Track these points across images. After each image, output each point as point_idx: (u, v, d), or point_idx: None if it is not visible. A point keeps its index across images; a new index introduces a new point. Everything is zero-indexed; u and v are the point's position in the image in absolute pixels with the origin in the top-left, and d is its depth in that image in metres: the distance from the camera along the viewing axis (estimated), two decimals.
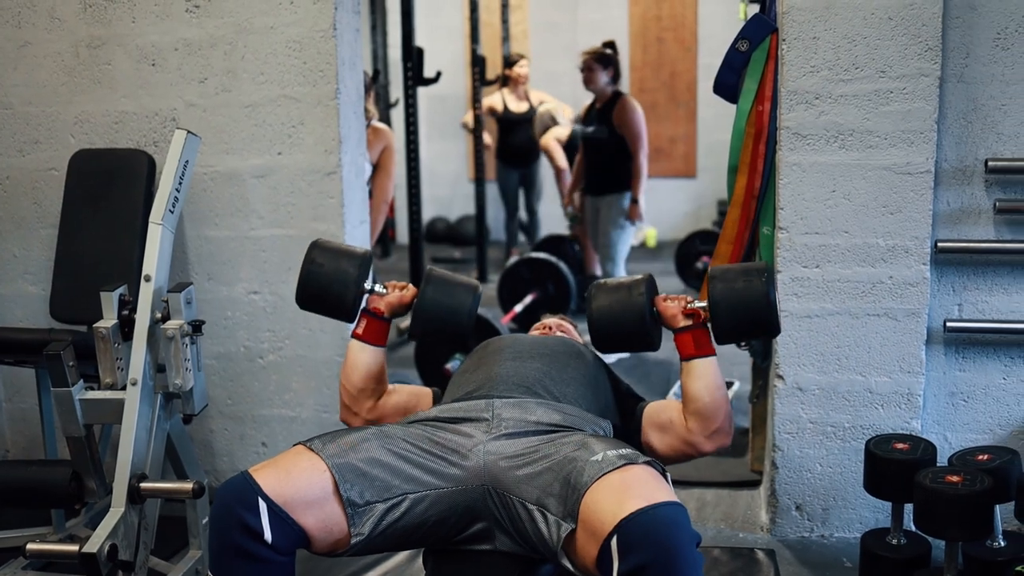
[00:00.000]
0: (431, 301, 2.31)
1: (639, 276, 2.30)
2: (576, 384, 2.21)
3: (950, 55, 2.73)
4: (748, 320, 2.16)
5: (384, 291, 2.37)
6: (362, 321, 2.37)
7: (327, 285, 2.30)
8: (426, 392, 2.43)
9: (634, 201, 5.22)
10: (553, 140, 6.56)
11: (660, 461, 2.19)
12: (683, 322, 2.23)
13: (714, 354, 2.22)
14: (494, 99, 7.35)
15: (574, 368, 2.26)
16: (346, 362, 2.36)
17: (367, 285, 2.35)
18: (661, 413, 2.27)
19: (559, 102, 7.25)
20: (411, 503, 1.90)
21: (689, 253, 6.94)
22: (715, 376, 2.20)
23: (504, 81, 7.31)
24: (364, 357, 2.35)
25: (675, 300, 2.26)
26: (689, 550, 1.63)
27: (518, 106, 7.28)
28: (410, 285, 2.40)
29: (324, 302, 2.34)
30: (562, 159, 6.52)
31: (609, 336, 2.27)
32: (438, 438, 1.98)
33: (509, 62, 7.33)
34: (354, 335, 2.37)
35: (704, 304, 2.21)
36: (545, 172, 7.61)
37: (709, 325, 2.21)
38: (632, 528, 1.63)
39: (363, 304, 2.37)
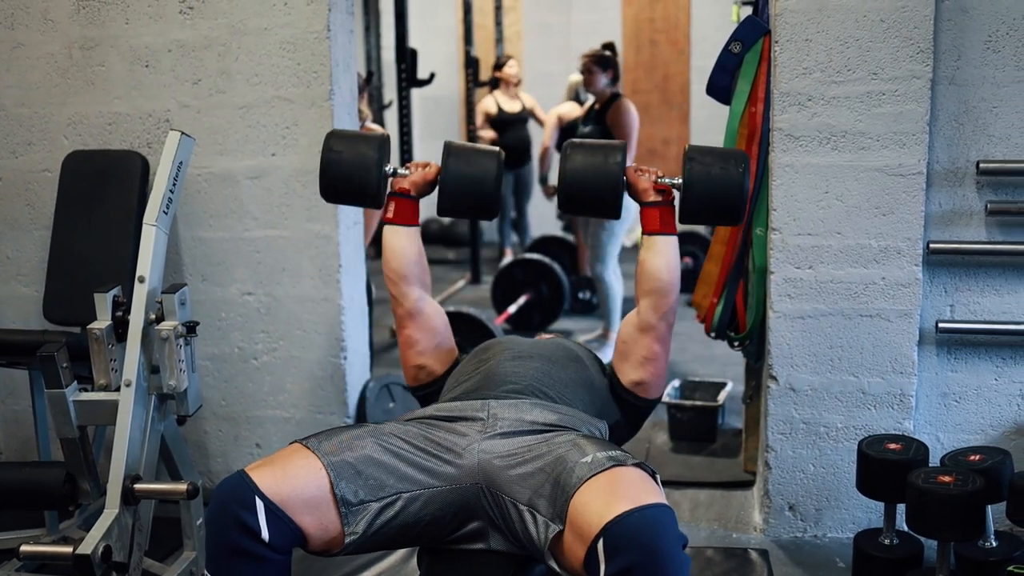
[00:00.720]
0: (455, 172, 2.29)
1: (617, 143, 2.31)
2: (573, 385, 2.22)
3: (942, 57, 2.74)
4: (716, 204, 2.19)
5: (407, 172, 2.36)
6: (390, 204, 2.36)
7: (349, 171, 2.29)
8: (453, 347, 2.43)
9: None
10: (555, 114, 6.61)
11: (643, 382, 2.25)
12: (652, 196, 2.26)
13: (676, 232, 2.26)
14: (487, 103, 7.37)
15: (572, 370, 2.27)
16: (384, 250, 2.36)
17: (388, 168, 2.33)
18: (618, 347, 2.33)
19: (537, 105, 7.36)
20: (405, 502, 1.91)
21: None
22: (674, 254, 2.25)
23: (495, 84, 7.33)
24: (399, 240, 2.35)
25: (646, 172, 2.28)
26: (675, 552, 1.63)
27: (511, 106, 7.29)
28: (432, 162, 2.39)
29: (348, 189, 2.32)
30: (547, 135, 6.56)
31: (578, 197, 2.28)
32: (433, 436, 1.98)
33: (498, 64, 7.35)
34: (384, 220, 2.36)
35: (676, 181, 2.23)
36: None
37: (676, 203, 2.24)
38: (618, 530, 1.63)
39: (388, 188, 2.35)
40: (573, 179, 2.25)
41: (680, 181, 2.21)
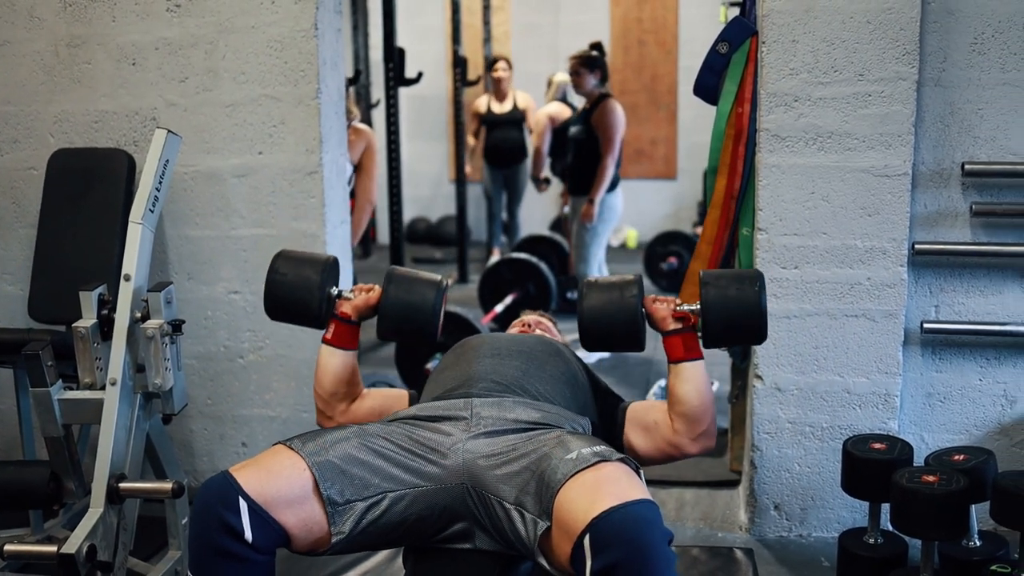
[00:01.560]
0: (395, 300, 2.31)
1: (630, 276, 2.30)
2: (555, 382, 2.22)
3: (928, 59, 2.76)
4: (738, 327, 2.17)
5: (351, 295, 2.37)
6: (331, 326, 2.37)
7: (291, 293, 2.31)
8: (402, 394, 2.43)
9: (589, 201, 5.23)
10: (544, 115, 6.61)
11: (643, 462, 2.21)
12: (673, 325, 2.23)
13: (702, 357, 2.23)
14: (480, 103, 7.39)
15: (553, 366, 2.27)
16: (317, 368, 2.37)
17: (333, 290, 2.35)
18: (647, 414, 2.28)
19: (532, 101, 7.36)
20: (391, 502, 1.91)
21: (655, 255, 6.99)
22: (703, 379, 2.21)
23: (490, 83, 7.36)
24: (334, 361, 2.35)
25: (664, 302, 2.26)
26: (661, 547, 1.63)
27: (500, 107, 7.30)
28: (376, 287, 2.39)
29: (290, 310, 2.35)
30: (539, 138, 6.57)
31: (600, 335, 2.27)
32: (417, 436, 1.98)
33: (490, 65, 7.36)
34: (324, 340, 2.37)
35: (695, 307, 2.21)
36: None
37: (697, 329, 2.22)
38: (604, 526, 1.64)
39: (332, 308, 2.37)
40: (592, 318, 2.24)
41: (698, 307, 2.20)
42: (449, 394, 2.14)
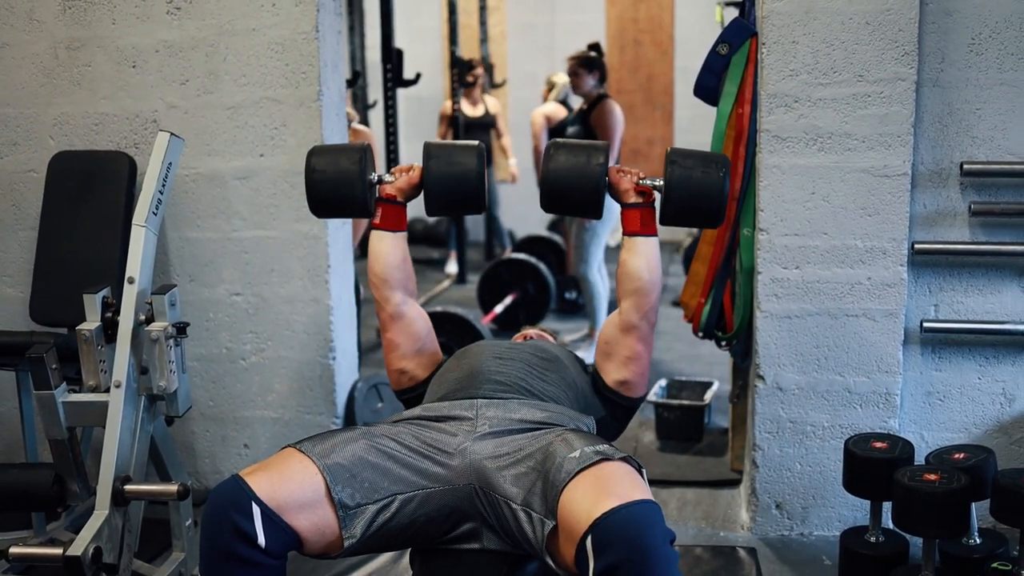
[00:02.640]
0: (437, 173, 2.32)
1: (600, 143, 2.32)
2: (557, 382, 2.23)
3: (926, 60, 2.77)
4: (698, 208, 2.22)
5: (392, 178, 2.38)
6: (377, 210, 2.38)
7: (333, 188, 2.30)
8: (437, 350, 2.44)
9: None
10: (540, 115, 6.61)
11: (625, 384, 2.27)
12: (633, 198, 2.28)
13: (656, 234, 2.28)
14: (448, 104, 7.43)
15: (553, 370, 2.28)
16: (369, 254, 2.38)
17: (372, 176, 2.35)
18: (600, 348, 2.35)
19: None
20: (401, 504, 1.91)
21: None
22: (655, 255, 2.28)
23: (467, 84, 7.37)
24: (384, 245, 2.36)
25: (628, 173, 2.30)
26: (663, 547, 1.64)
27: (473, 111, 7.32)
28: (415, 165, 2.41)
29: (336, 205, 2.34)
30: (536, 138, 6.58)
31: (559, 196, 2.30)
32: (424, 437, 1.99)
33: (468, 68, 7.37)
34: (373, 225, 2.38)
35: (657, 183, 2.25)
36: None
37: (656, 205, 2.26)
38: (606, 527, 1.64)
39: (376, 194, 2.37)
40: (555, 178, 2.27)
41: (661, 183, 2.23)
42: (454, 395, 2.14)
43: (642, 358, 2.30)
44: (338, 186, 2.30)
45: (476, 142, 2.39)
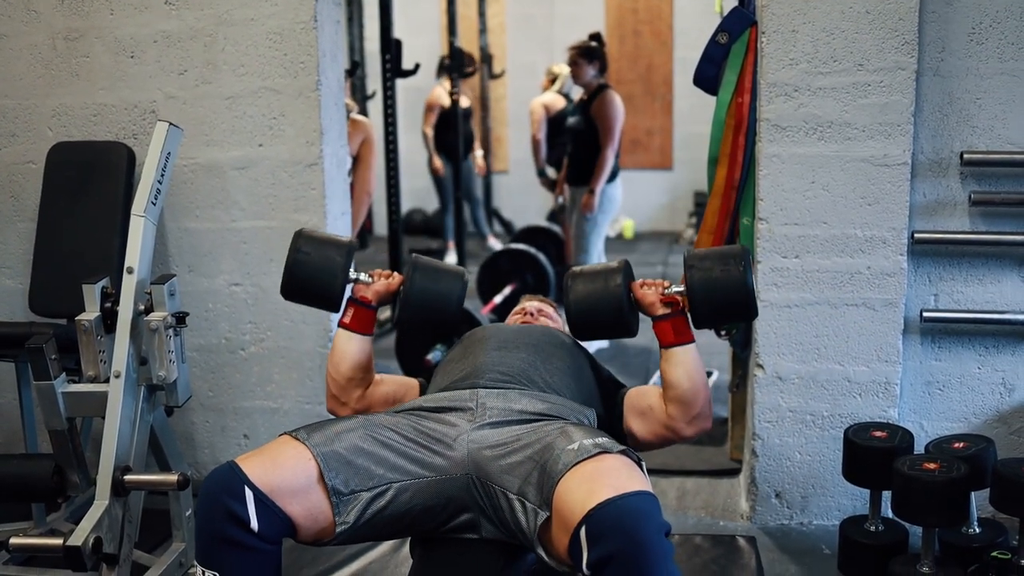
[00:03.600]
0: (419, 289, 2.30)
1: (615, 263, 2.31)
2: (560, 374, 2.23)
3: (926, 49, 2.77)
4: (726, 306, 2.17)
5: (370, 280, 2.36)
6: (349, 310, 2.36)
7: (313, 275, 2.29)
8: (413, 383, 2.44)
9: (590, 191, 5.23)
10: (539, 105, 6.61)
11: (642, 447, 2.22)
12: (661, 310, 2.24)
13: (693, 340, 2.24)
14: (439, 94, 7.43)
15: (558, 358, 2.28)
16: (333, 352, 2.36)
17: (353, 274, 2.34)
18: (641, 399, 2.29)
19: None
20: (396, 492, 1.91)
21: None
22: (694, 362, 2.22)
23: (466, 75, 7.37)
24: (352, 346, 2.34)
25: (652, 286, 2.27)
26: (657, 539, 1.63)
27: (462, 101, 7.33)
28: (395, 273, 2.40)
29: (310, 292, 2.33)
30: (536, 126, 6.59)
31: (587, 325, 2.28)
32: (423, 427, 1.99)
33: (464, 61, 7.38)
34: (341, 324, 2.36)
35: (682, 289, 2.21)
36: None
37: (687, 311, 2.22)
38: (600, 518, 1.64)
39: (348, 293, 2.37)
40: (579, 309, 2.25)
41: (683, 290, 2.20)
42: (455, 385, 2.14)
43: (663, 444, 2.29)
44: (319, 274, 2.29)
45: (461, 269, 2.39)
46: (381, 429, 1.97)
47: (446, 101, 7.29)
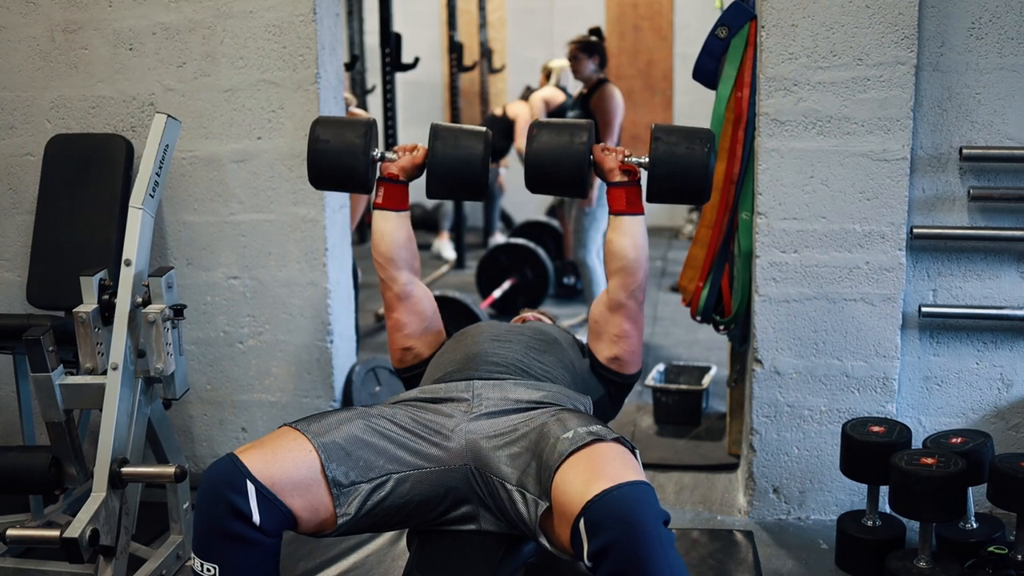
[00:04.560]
0: (443, 155, 2.30)
1: (583, 122, 2.31)
2: (555, 364, 2.24)
3: (926, 44, 2.76)
4: (682, 184, 2.21)
5: (395, 156, 2.37)
6: (380, 189, 2.37)
7: (336, 159, 2.29)
8: (440, 327, 2.46)
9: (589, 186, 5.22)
10: (539, 99, 6.61)
11: (618, 359, 2.29)
12: (619, 177, 2.27)
13: (643, 212, 2.27)
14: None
15: (551, 352, 2.28)
16: (373, 234, 2.38)
17: (376, 152, 2.34)
18: (591, 325, 2.36)
19: None
20: (395, 483, 1.92)
21: None
22: (641, 233, 2.27)
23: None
24: (389, 225, 2.36)
25: (613, 152, 2.29)
26: (655, 527, 1.64)
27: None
28: (419, 145, 2.40)
29: (337, 177, 2.33)
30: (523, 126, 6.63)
31: (544, 176, 2.29)
32: (420, 418, 1.99)
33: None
34: (375, 205, 2.38)
35: (642, 160, 2.24)
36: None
37: (642, 182, 2.25)
38: (598, 508, 1.65)
39: (377, 173, 2.36)
40: (539, 158, 2.26)
41: (647, 160, 2.22)
42: (451, 376, 2.15)
43: (631, 336, 2.30)
44: (341, 158, 2.29)
45: (484, 128, 2.39)
46: (379, 420, 1.97)
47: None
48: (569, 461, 1.77)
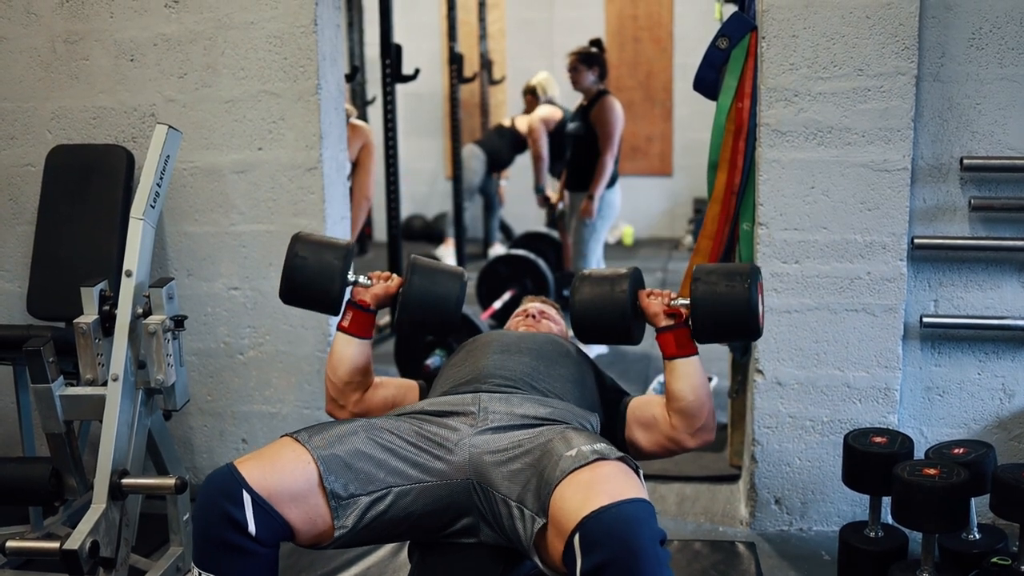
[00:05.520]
0: (418, 290, 2.29)
1: (624, 270, 2.29)
2: (563, 380, 2.22)
3: (926, 54, 2.77)
4: (728, 323, 2.15)
5: (369, 282, 2.35)
6: (348, 314, 2.35)
7: (312, 278, 2.28)
8: (412, 385, 2.43)
9: (589, 197, 5.23)
10: (538, 120, 6.61)
11: (644, 456, 2.21)
12: (665, 321, 2.22)
13: (696, 353, 2.22)
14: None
15: (561, 364, 2.27)
16: (332, 355, 2.35)
17: (351, 277, 2.33)
18: (645, 410, 2.27)
19: None
20: (396, 496, 1.91)
21: None
22: (698, 375, 2.20)
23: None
24: (351, 350, 2.33)
25: (658, 296, 2.25)
26: (651, 547, 1.62)
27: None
28: (394, 275, 2.39)
29: (309, 296, 2.31)
30: (536, 144, 6.62)
31: (590, 329, 2.27)
32: (424, 431, 1.98)
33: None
34: (340, 328, 2.35)
35: (686, 302, 2.20)
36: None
37: (690, 323, 2.21)
38: (594, 525, 1.63)
39: (347, 296, 2.36)
40: (584, 311, 2.25)
41: (688, 302, 2.18)
42: (458, 389, 2.13)
43: (666, 455, 2.28)
44: (317, 278, 2.28)
45: (461, 269, 2.39)
46: (382, 432, 1.96)
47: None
48: (570, 478, 1.75)
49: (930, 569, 2.49)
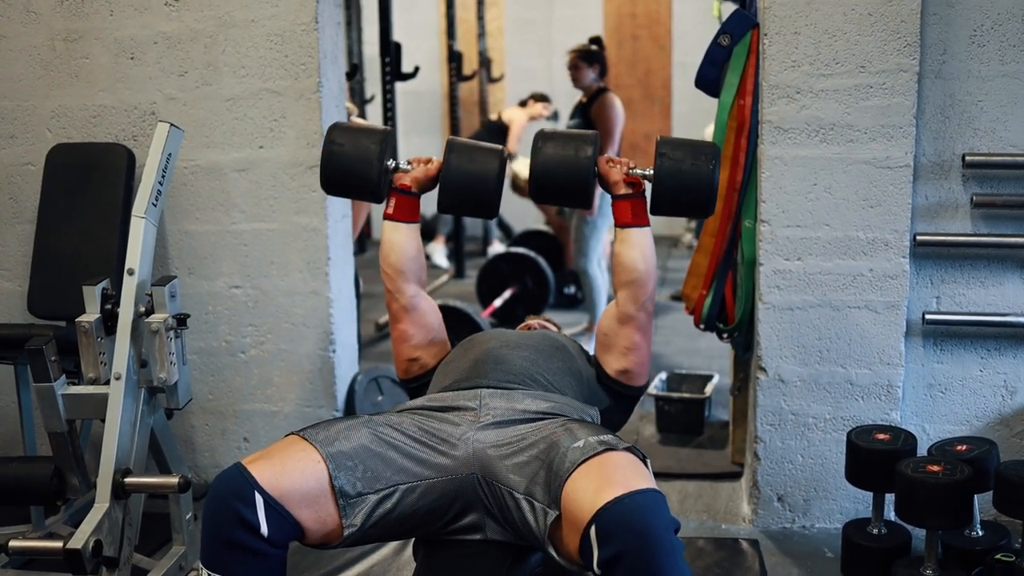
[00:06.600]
0: (457, 169, 2.28)
1: (588, 132, 2.31)
2: (562, 373, 2.22)
3: (928, 51, 2.76)
4: (687, 198, 2.22)
5: (409, 167, 2.35)
6: (391, 200, 2.34)
7: (350, 165, 2.27)
8: (445, 339, 2.44)
9: None
10: (523, 114, 6.63)
11: (627, 373, 2.27)
12: (623, 189, 2.26)
13: (648, 224, 2.27)
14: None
15: (560, 359, 2.27)
16: (383, 245, 2.34)
17: (390, 163, 2.32)
18: (599, 338, 2.34)
19: None
20: (402, 494, 1.90)
21: None
22: (649, 245, 2.27)
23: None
24: (399, 236, 2.33)
25: (618, 164, 2.28)
26: (667, 535, 1.64)
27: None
28: (433, 158, 2.38)
29: (348, 182, 2.31)
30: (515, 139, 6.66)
31: (549, 187, 2.29)
32: (427, 427, 1.98)
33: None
34: (385, 216, 2.35)
35: (647, 172, 2.24)
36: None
37: (647, 194, 2.25)
38: (609, 516, 1.64)
39: (389, 183, 2.35)
40: (544, 169, 2.25)
41: (651, 172, 2.22)
42: (458, 385, 2.13)
43: (641, 348, 2.29)
44: (355, 164, 2.27)
45: (500, 146, 2.38)
46: (385, 429, 1.96)
47: None
48: (580, 470, 1.76)
49: (933, 566, 2.49)
